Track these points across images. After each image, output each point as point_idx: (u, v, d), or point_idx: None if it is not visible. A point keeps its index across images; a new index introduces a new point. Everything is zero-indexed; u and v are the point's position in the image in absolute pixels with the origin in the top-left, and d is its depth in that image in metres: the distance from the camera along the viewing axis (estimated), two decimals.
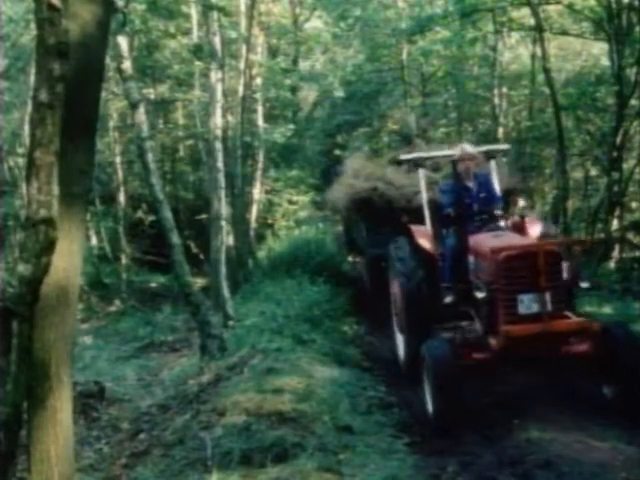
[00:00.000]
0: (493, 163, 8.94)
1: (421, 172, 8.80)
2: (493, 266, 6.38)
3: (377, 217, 10.75)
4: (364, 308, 11.11)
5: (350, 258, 13.95)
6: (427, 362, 6.35)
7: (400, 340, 8.39)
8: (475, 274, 6.93)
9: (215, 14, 13.74)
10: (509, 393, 6.89)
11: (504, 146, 10.82)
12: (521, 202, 7.87)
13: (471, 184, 7.73)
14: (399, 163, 10.54)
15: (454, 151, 7.83)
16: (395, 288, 8.37)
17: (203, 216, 16.87)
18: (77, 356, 9.00)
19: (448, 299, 7.27)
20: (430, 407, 6.34)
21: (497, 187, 8.42)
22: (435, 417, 6.23)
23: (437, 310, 7.44)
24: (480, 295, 6.42)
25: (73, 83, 3.44)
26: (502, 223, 7.80)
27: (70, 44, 3.30)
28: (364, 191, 11.04)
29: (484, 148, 9.32)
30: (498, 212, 7.76)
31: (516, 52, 20.79)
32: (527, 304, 6.18)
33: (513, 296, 6.21)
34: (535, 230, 7.67)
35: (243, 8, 16.16)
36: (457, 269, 7.21)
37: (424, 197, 8.57)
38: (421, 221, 8.54)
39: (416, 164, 9.01)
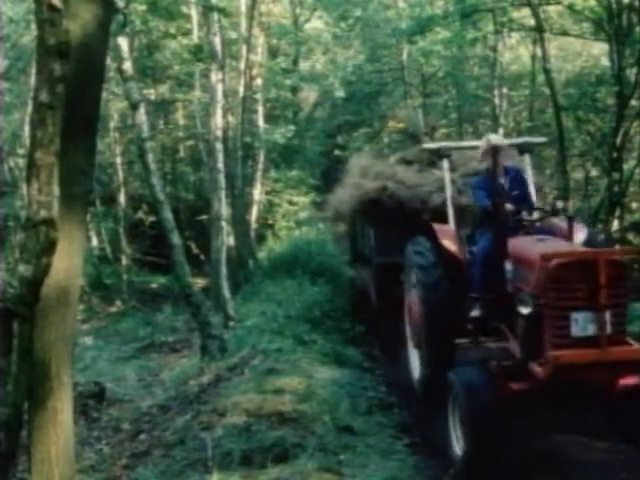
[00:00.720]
0: (528, 158, 7.84)
1: (445, 164, 7.76)
2: (542, 276, 5.31)
3: (387, 220, 9.50)
4: (370, 323, 10.15)
5: (353, 267, 12.57)
6: (458, 392, 5.39)
7: (415, 358, 7.54)
8: (515, 284, 5.89)
9: (215, 15, 13.75)
10: (555, 437, 5.92)
11: (540, 139, 9.91)
12: (559, 203, 6.51)
13: (502, 180, 6.75)
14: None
15: (482, 143, 6.96)
16: (412, 298, 7.38)
17: (203, 217, 16.87)
18: (78, 356, 9.01)
19: (476, 312, 6.37)
20: (458, 447, 5.43)
21: (532, 184, 7.44)
22: (466, 460, 5.28)
23: (462, 325, 6.56)
24: (525, 310, 5.31)
25: (74, 84, 3.44)
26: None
27: (71, 44, 3.30)
28: (372, 191, 9.75)
29: (519, 140, 8.57)
30: (534, 212, 6.68)
31: (516, 53, 20.80)
32: (582, 324, 5.13)
33: (565, 314, 5.15)
34: (579, 235, 6.45)
35: (243, 9, 16.17)
36: (488, 277, 6.24)
37: (448, 193, 7.55)
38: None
39: (440, 155, 7.90)
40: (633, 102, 12.38)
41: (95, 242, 18.04)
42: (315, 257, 13.12)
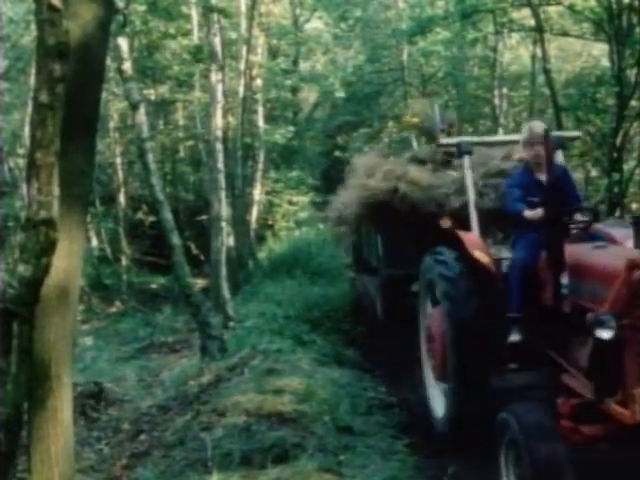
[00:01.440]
0: (561, 154, 7.05)
1: (467, 161, 6.90)
2: (627, 290, 4.27)
3: (397, 226, 8.37)
4: (376, 340, 9.17)
5: (355, 278, 11.38)
6: (518, 440, 4.30)
7: (437, 390, 6.49)
8: (577, 302, 4.91)
9: (215, 15, 13.76)
10: None
11: (574, 133, 9.18)
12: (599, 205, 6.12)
13: (543, 177, 5.85)
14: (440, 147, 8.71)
15: (522, 132, 6.13)
16: (434, 318, 6.33)
17: (203, 217, 16.88)
18: (77, 357, 9.01)
19: (516, 336, 5.43)
20: None
21: (575, 183, 6.55)
22: None
23: (499, 351, 5.57)
24: (606, 334, 4.19)
25: (74, 84, 3.44)
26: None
27: (70, 45, 3.30)
28: (381, 193, 8.54)
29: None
30: (582, 215, 5.67)
31: (516, 53, 20.81)
32: None
33: None
34: (628, 241, 5.44)
35: (243, 9, 16.17)
36: (531, 293, 5.41)
37: (470, 195, 6.69)
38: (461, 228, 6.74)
39: (461, 151, 6.94)
40: (633, 102, 12.38)
41: (95, 242, 18.06)
42: (315, 257, 13.14)
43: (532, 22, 14.43)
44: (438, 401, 6.38)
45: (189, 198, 21.27)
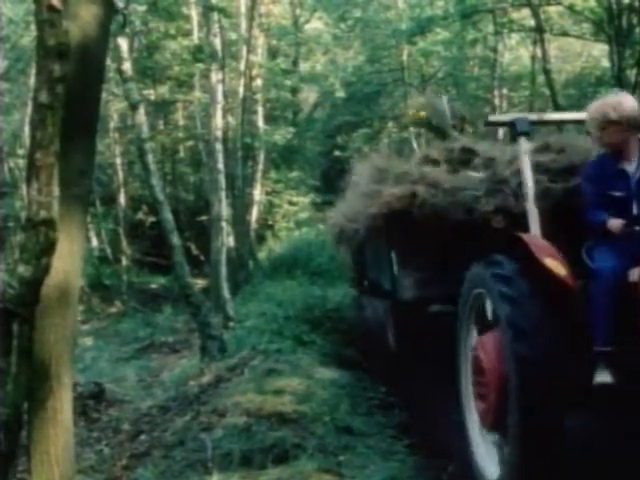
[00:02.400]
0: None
1: (524, 144, 5.54)
2: None
3: (416, 239, 6.82)
4: (388, 375, 7.76)
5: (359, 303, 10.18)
6: None
7: (486, 443, 5.08)
8: None
9: (215, 15, 13.77)
10: None
11: None
12: None
13: (631, 167, 4.79)
14: (488, 125, 7.69)
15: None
16: (485, 349, 4.89)
17: (203, 217, 16.89)
18: (77, 357, 9.01)
19: (605, 377, 4.26)
20: None
21: None
22: None
23: (581, 396, 4.41)
24: None
25: (73, 84, 3.44)
26: None
27: (70, 45, 3.30)
28: (396, 200, 6.89)
29: None
30: None
31: (516, 53, 20.82)
32: None
33: None
34: None
35: (243, 9, 16.19)
36: (622, 317, 4.27)
37: (529, 190, 5.33)
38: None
39: (518, 131, 5.60)
40: None
41: (95, 243, 18.07)
42: (315, 258, 13.13)
43: (532, 22, 14.44)
44: (488, 457, 4.93)
45: (189, 198, 21.27)
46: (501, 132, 17.91)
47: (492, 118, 6.67)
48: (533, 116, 6.35)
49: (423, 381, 6.70)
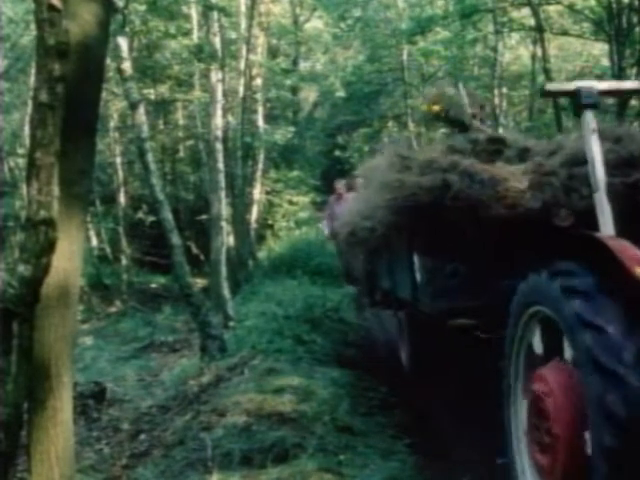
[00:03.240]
0: None
1: (590, 120, 4.48)
2: None
3: (446, 239, 5.68)
4: (400, 398, 6.87)
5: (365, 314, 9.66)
6: None
7: None
8: None
9: (215, 15, 13.76)
10: None
11: None
12: None
13: None
14: (546, 96, 6.72)
15: None
16: (554, 387, 3.71)
17: (203, 217, 16.89)
18: (78, 357, 9.01)
19: None
20: None
21: None
22: None
23: None
24: None
25: (73, 83, 3.44)
26: None
27: (70, 45, 3.30)
28: (424, 191, 5.70)
29: None
30: None
31: (516, 53, 20.82)
32: None
33: None
34: None
35: (243, 8, 16.18)
36: None
37: (599, 180, 4.34)
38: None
39: (583, 103, 4.59)
40: (633, 102, 12.38)
41: (95, 242, 18.07)
42: (315, 257, 13.15)
43: (532, 22, 14.44)
44: None
45: (189, 198, 21.28)
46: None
47: (550, 87, 5.47)
48: (602, 85, 5.00)
49: (441, 408, 6.04)
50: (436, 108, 7.81)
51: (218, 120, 13.66)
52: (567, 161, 5.60)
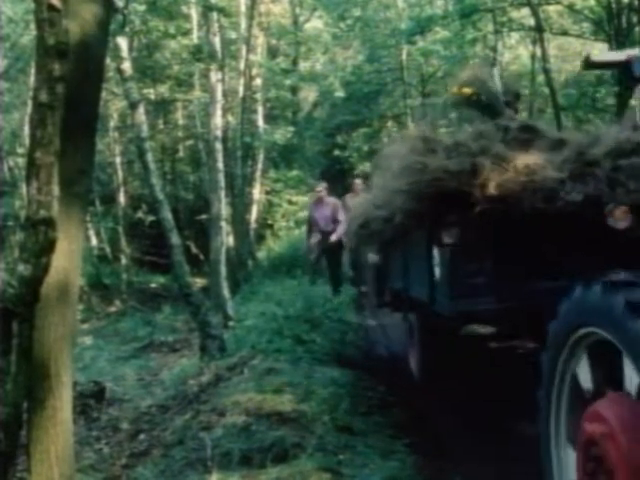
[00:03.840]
0: None
1: None
2: None
3: (473, 230, 5.10)
4: (411, 414, 6.29)
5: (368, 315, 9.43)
6: None
7: None
8: None
9: (215, 15, 13.76)
10: None
11: None
12: None
13: None
14: (590, 67, 6.23)
15: None
16: (612, 431, 2.88)
17: (203, 216, 16.89)
18: (77, 356, 9.01)
19: None
20: None
21: None
22: None
23: None
24: None
25: (73, 83, 3.44)
26: None
27: (70, 44, 3.30)
28: (451, 175, 5.10)
29: None
30: None
31: (516, 52, 20.82)
32: None
33: None
34: None
35: (243, 8, 16.18)
36: None
37: None
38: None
39: (634, 74, 4.35)
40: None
41: (94, 242, 18.07)
42: None
43: (532, 21, 14.44)
44: None
45: (189, 197, 21.29)
46: None
47: (595, 57, 5.04)
48: None
49: (452, 423, 5.43)
50: (467, 91, 7.10)
51: (218, 120, 13.66)
52: (611, 151, 5.04)
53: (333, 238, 11.86)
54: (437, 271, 5.43)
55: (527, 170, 5.03)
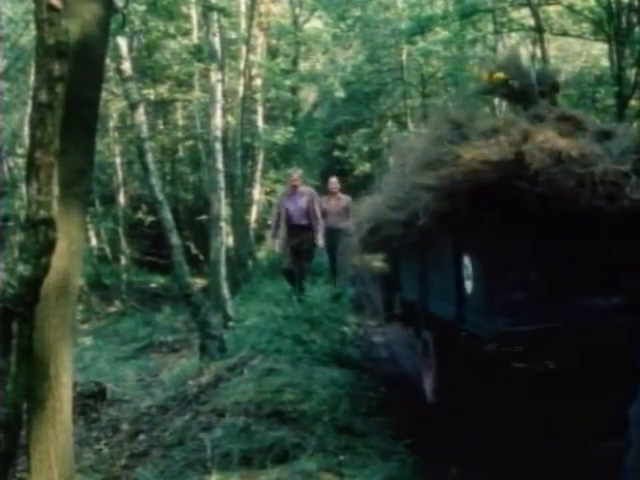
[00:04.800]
0: None
1: None
2: None
3: (518, 234, 4.29)
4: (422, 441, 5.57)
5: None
6: None
7: None
8: None
9: (215, 15, 13.76)
10: None
11: None
12: None
13: None
14: None
15: None
16: None
17: (203, 217, 16.88)
18: (77, 356, 9.00)
19: None
20: None
21: None
22: None
23: None
24: None
25: (73, 83, 3.44)
26: None
27: (70, 44, 3.30)
28: (490, 166, 4.24)
29: None
30: None
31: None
32: None
33: None
34: None
35: (243, 9, 16.18)
36: None
37: None
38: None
39: None
40: (633, 102, 12.38)
41: (94, 242, 18.08)
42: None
43: (531, 22, 14.43)
44: None
45: (188, 198, 21.28)
46: None
47: None
48: None
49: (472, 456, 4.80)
50: (499, 76, 6.26)
51: (218, 120, 13.66)
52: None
53: (320, 243, 10.84)
54: (468, 284, 4.51)
55: (584, 161, 4.15)
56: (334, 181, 12.13)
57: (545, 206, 4.00)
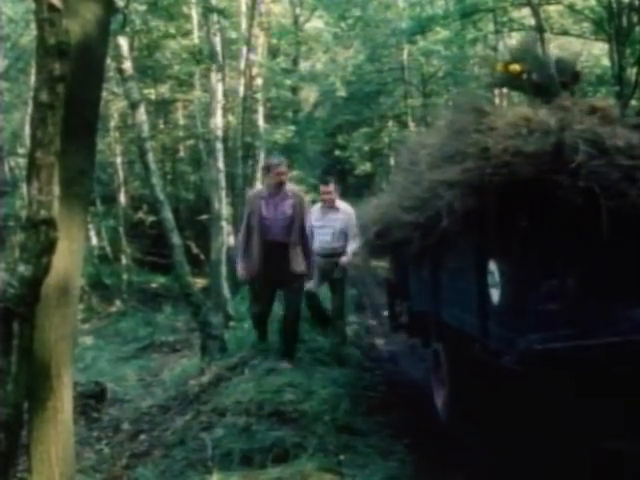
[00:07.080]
0: None
1: None
2: None
3: (552, 235, 3.80)
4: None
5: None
6: None
7: None
8: None
9: (215, 15, 13.77)
10: None
11: None
12: None
13: None
14: None
15: None
16: None
17: (204, 216, 16.89)
18: (78, 356, 9.01)
19: None
20: None
21: None
22: None
23: None
24: None
25: (74, 83, 3.44)
26: None
27: (71, 44, 3.30)
28: (524, 159, 3.71)
29: None
30: None
31: None
32: None
33: None
34: None
35: (243, 8, 16.18)
36: None
37: None
38: None
39: None
40: (633, 102, 12.37)
41: (95, 242, 18.08)
42: None
43: (532, 21, 14.43)
44: None
45: (189, 197, 21.29)
46: None
47: None
48: None
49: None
50: (516, 68, 5.70)
51: (218, 120, 13.67)
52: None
53: (308, 283, 7.57)
54: (495, 293, 3.99)
55: (632, 152, 3.72)
56: (329, 189, 8.09)
57: (588, 203, 3.54)
